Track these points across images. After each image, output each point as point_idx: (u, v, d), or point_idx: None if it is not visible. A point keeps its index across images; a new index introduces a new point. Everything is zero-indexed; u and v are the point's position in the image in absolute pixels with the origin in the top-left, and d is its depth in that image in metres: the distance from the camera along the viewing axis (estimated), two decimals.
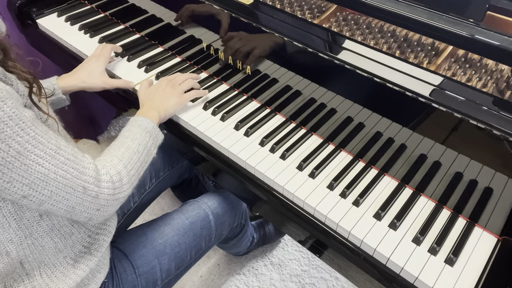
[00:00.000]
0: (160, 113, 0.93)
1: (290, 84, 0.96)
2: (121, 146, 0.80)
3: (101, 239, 0.81)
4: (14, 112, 0.58)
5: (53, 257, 0.74)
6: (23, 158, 0.59)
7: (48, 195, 0.64)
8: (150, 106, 0.94)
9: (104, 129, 2.03)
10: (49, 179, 0.63)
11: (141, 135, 0.84)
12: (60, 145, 0.65)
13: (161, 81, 1.01)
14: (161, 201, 1.74)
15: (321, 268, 1.52)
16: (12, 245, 0.68)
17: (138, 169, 0.80)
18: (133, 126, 0.85)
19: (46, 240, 0.72)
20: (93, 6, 1.40)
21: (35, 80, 0.70)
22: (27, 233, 0.69)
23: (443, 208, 0.83)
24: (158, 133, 0.89)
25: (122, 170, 0.76)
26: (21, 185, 0.60)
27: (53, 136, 0.65)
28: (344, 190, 0.84)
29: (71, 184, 0.66)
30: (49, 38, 1.32)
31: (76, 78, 1.04)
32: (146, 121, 0.86)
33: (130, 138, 0.82)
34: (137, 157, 0.80)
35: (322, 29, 0.91)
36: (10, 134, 0.57)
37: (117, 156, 0.78)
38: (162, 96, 0.97)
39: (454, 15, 0.83)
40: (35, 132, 0.61)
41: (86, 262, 0.79)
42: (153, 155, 0.86)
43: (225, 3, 0.99)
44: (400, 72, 0.79)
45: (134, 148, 0.81)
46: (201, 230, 1.03)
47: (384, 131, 0.86)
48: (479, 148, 0.74)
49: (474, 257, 0.75)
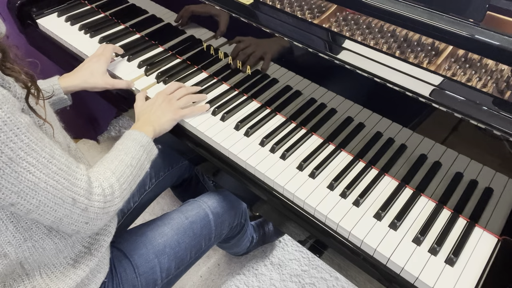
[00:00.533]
0: (155, 128, 0.92)
1: (290, 84, 0.96)
2: (114, 159, 0.79)
3: (101, 239, 0.81)
4: (9, 118, 0.57)
5: (53, 257, 0.74)
6: (14, 165, 0.58)
7: (36, 205, 0.62)
8: (146, 121, 0.93)
9: (104, 129, 2.03)
10: (38, 188, 0.61)
11: (135, 149, 0.83)
12: (54, 154, 0.64)
13: (158, 96, 0.99)
14: (161, 201, 1.74)
15: (321, 268, 1.52)
16: (11, 247, 0.68)
17: (130, 183, 0.79)
18: (127, 140, 0.84)
19: (46, 242, 0.71)
20: (93, 6, 1.40)
21: (33, 83, 0.69)
22: (27, 236, 0.68)
23: (443, 208, 0.83)
24: (152, 148, 0.88)
25: (115, 184, 0.75)
26: (10, 192, 0.59)
27: (48, 144, 0.64)
28: (345, 190, 0.84)
29: (60, 195, 0.64)
30: (49, 38, 1.32)
31: (77, 77, 1.03)
32: (141, 135, 0.86)
33: (124, 152, 0.81)
34: (130, 171, 0.79)
35: (322, 29, 0.91)
36: (4, 139, 0.56)
37: (110, 169, 0.76)
38: (158, 111, 0.95)
39: (454, 15, 0.83)
40: (29, 139, 0.60)
41: (86, 262, 0.79)
42: (146, 170, 0.86)
43: (225, 3, 0.99)
44: (400, 72, 0.79)
45: (128, 162, 0.79)
46: (201, 229, 1.03)
47: (384, 131, 0.86)
48: (479, 148, 0.74)
49: (475, 257, 0.75)
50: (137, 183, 0.82)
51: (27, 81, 0.67)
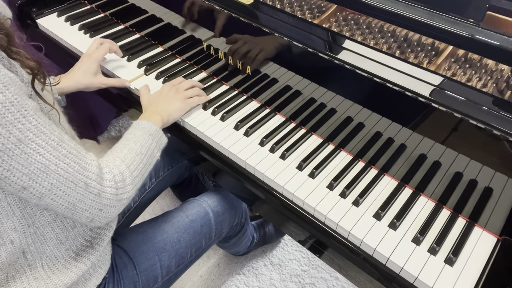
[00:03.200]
0: (163, 117, 0.92)
1: (290, 84, 0.96)
2: (123, 148, 0.79)
3: (102, 234, 0.81)
4: (16, 99, 0.56)
5: (54, 248, 0.74)
6: (24, 146, 0.58)
7: (49, 188, 0.62)
8: (153, 111, 0.93)
9: (104, 129, 2.03)
10: (49, 171, 0.61)
11: (143, 137, 0.83)
12: (63, 138, 0.64)
13: (165, 86, 1.00)
14: (161, 201, 1.74)
15: (321, 268, 1.52)
16: (16, 234, 0.68)
17: (141, 170, 0.79)
18: (135, 129, 0.85)
19: (47, 230, 0.71)
20: (93, 6, 1.40)
21: (39, 68, 0.68)
22: (30, 222, 0.69)
23: (443, 208, 0.83)
24: (162, 136, 0.88)
25: (125, 171, 0.75)
26: (21, 174, 0.59)
27: (56, 129, 0.63)
28: (344, 190, 0.84)
29: (72, 178, 0.64)
30: (49, 38, 1.32)
31: (70, 79, 1.03)
32: (149, 124, 0.86)
33: (132, 140, 0.81)
34: (140, 159, 0.79)
35: (322, 29, 0.91)
36: (11, 120, 0.56)
37: (119, 157, 0.77)
38: (166, 100, 0.96)
39: (454, 15, 0.83)
40: (38, 122, 0.59)
41: (88, 256, 0.79)
42: (157, 158, 0.86)
43: (225, 3, 0.99)
44: (400, 72, 0.79)
45: (137, 150, 0.80)
46: (201, 228, 1.03)
47: (384, 131, 0.86)
48: (479, 148, 0.74)
49: (474, 257, 0.75)
50: (148, 171, 0.82)
51: (34, 66, 0.67)
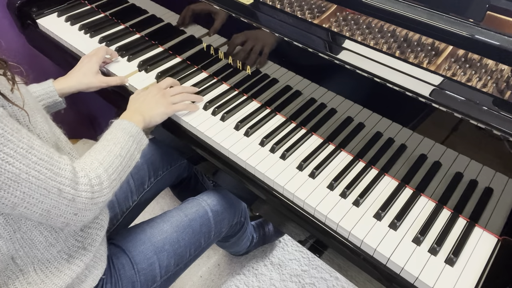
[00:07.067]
0: (145, 118, 0.91)
1: (290, 84, 0.96)
2: (102, 149, 0.78)
3: (93, 233, 0.80)
4: None
5: (45, 252, 0.73)
6: None
7: (21, 197, 0.60)
8: (136, 110, 0.93)
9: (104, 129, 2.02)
10: (20, 180, 0.59)
11: (124, 138, 0.82)
12: (33, 145, 0.62)
13: (154, 88, 0.99)
14: (160, 201, 1.74)
15: (321, 268, 1.52)
16: (2, 241, 0.67)
17: (120, 173, 0.78)
18: (116, 130, 0.84)
19: (35, 234, 0.70)
20: (93, 6, 1.40)
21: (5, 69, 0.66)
22: (16, 227, 0.68)
23: (443, 208, 0.83)
24: (142, 137, 0.87)
25: (103, 174, 0.73)
26: None
27: (25, 135, 0.61)
28: (344, 190, 0.84)
29: (45, 186, 0.62)
30: (49, 38, 1.32)
31: (71, 80, 1.04)
32: (130, 125, 0.85)
33: (112, 142, 0.80)
34: (119, 161, 0.78)
35: (322, 29, 0.91)
36: None
37: (97, 159, 0.75)
38: (151, 103, 0.95)
39: (454, 15, 0.83)
40: (4, 130, 0.58)
41: (81, 258, 0.78)
42: (137, 160, 0.84)
43: (225, 3, 0.99)
44: (400, 72, 0.79)
45: (116, 152, 0.79)
46: (200, 227, 1.03)
47: (384, 131, 0.86)
48: (479, 148, 0.74)
49: (474, 257, 0.75)
50: (127, 173, 0.81)
51: None
